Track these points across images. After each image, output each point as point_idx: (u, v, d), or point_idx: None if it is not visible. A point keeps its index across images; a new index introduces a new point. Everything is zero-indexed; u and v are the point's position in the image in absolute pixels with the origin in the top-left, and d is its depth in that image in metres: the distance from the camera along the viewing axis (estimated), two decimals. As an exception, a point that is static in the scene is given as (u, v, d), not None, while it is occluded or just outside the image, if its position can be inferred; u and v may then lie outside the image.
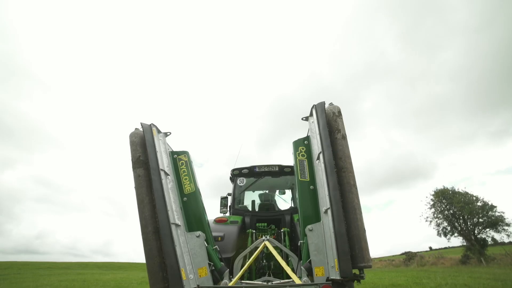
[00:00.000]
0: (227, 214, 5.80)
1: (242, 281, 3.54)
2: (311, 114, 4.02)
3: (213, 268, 3.41)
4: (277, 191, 6.43)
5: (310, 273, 3.22)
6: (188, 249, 3.26)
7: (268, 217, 5.61)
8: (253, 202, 6.30)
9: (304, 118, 4.15)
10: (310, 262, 3.21)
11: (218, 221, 4.91)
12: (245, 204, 6.30)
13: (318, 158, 3.48)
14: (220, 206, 5.90)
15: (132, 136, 3.55)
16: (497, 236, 25.96)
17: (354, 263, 2.71)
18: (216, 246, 3.90)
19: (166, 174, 3.54)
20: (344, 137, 3.38)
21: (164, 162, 3.62)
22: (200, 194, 3.77)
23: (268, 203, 6.10)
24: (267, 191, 6.45)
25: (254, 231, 5.08)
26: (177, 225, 3.25)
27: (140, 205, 3.14)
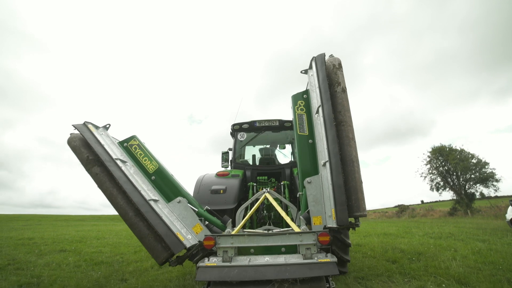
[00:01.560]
0: (229, 168, 5.96)
1: (244, 230, 3.79)
2: (310, 67, 3.89)
3: (207, 223, 3.55)
4: (278, 145, 6.51)
5: (308, 222, 3.41)
6: (176, 216, 3.31)
7: (268, 171, 5.77)
8: (253, 156, 6.41)
9: (303, 71, 4.03)
10: (308, 212, 3.39)
11: (219, 175, 5.05)
12: (246, 158, 6.41)
13: (317, 112, 3.46)
14: (222, 161, 6.03)
15: (71, 141, 3.41)
16: (485, 191, 27.38)
17: (350, 212, 2.85)
18: (207, 207, 4.06)
19: (123, 161, 3.47)
20: (344, 90, 3.32)
21: (116, 152, 3.53)
22: (164, 167, 3.74)
23: (268, 157, 6.22)
24: (267, 146, 6.53)
25: (255, 184, 5.27)
26: (155, 201, 3.27)
27: (111, 198, 3.10)
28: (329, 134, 3.08)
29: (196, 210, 3.55)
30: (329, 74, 3.45)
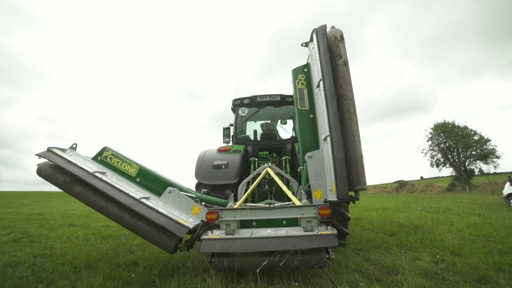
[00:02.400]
0: (230, 144, 5.97)
1: (246, 204, 3.88)
2: (311, 39, 3.77)
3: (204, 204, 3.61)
4: (279, 120, 6.48)
5: (309, 196, 3.48)
6: (171, 206, 3.33)
7: (270, 146, 5.78)
8: (255, 132, 6.40)
9: (304, 44, 3.91)
10: (309, 186, 3.44)
11: (221, 150, 5.08)
12: (247, 134, 6.42)
13: (318, 86, 3.40)
14: (223, 137, 6.04)
15: (41, 171, 3.24)
16: (485, 167, 27.62)
17: (350, 186, 2.89)
18: (204, 189, 4.08)
19: (102, 173, 3.39)
20: (345, 63, 3.24)
21: (92, 167, 3.42)
22: (146, 167, 3.69)
23: (270, 133, 6.23)
24: (268, 121, 6.50)
25: (256, 159, 5.31)
26: (147, 198, 3.26)
27: (102, 210, 3.04)
28: (330, 108, 3.05)
29: (194, 195, 3.58)
30: (331, 46, 3.36)
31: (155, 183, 3.52)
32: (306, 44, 3.89)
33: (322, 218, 2.84)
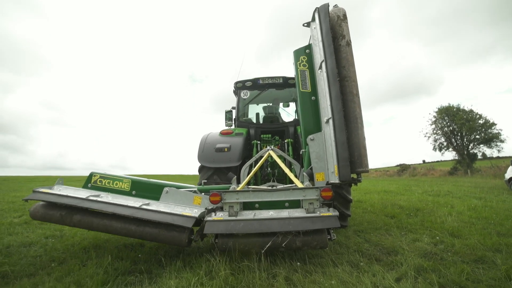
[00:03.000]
0: (232, 127, 5.97)
1: (249, 187, 3.92)
2: (313, 19, 3.66)
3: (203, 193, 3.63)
4: (281, 103, 6.45)
5: (311, 179, 3.51)
6: (173, 204, 3.33)
7: (272, 129, 5.78)
8: (257, 114, 6.38)
9: (305, 24, 3.80)
10: (311, 169, 3.46)
11: (223, 133, 5.09)
12: (249, 117, 6.40)
13: (320, 67, 3.34)
14: (225, 120, 6.03)
15: (35, 213, 3.17)
16: (488, 151, 27.42)
17: (352, 168, 2.91)
18: (204, 180, 4.08)
19: (96, 195, 3.34)
20: (348, 43, 3.17)
21: (85, 194, 3.35)
22: (137, 178, 3.67)
23: (272, 116, 6.20)
24: (271, 104, 6.46)
25: (258, 142, 5.32)
26: (147, 204, 3.27)
27: (108, 229, 3.02)
28: (333, 90, 3.02)
29: (194, 189, 3.58)
30: (333, 26, 3.27)
31: (151, 190, 3.52)
32: (307, 24, 3.79)
33: (324, 200, 2.87)
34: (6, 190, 15.82)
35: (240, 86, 5.96)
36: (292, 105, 6.43)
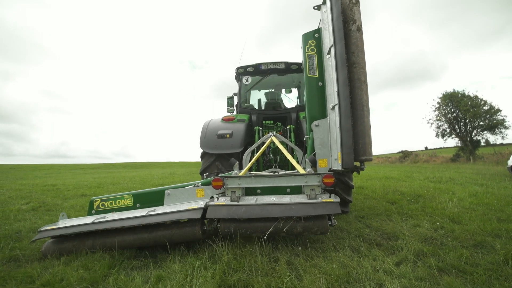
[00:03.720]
0: (234, 113, 5.94)
1: (251, 172, 3.94)
2: (324, 2, 3.55)
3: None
4: (283, 89, 6.36)
5: (314, 165, 3.51)
6: (178, 203, 3.34)
7: (274, 115, 5.74)
8: (259, 100, 6.33)
9: (316, 7, 3.69)
10: (314, 155, 3.46)
11: (225, 119, 5.08)
12: (251, 103, 6.35)
13: (329, 52, 3.26)
14: (227, 106, 6.00)
15: (47, 252, 3.04)
16: (492, 138, 27.19)
17: (356, 156, 2.89)
18: (206, 173, 4.09)
19: (102, 217, 3.30)
20: (359, 28, 3.06)
21: (91, 219, 3.28)
22: (137, 192, 3.61)
23: (274, 102, 6.14)
24: (273, 90, 6.39)
25: (261, 128, 5.31)
26: (153, 210, 3.24)
27: (121, 245, 3.02)
28: (340, 76, 2.95)
29: (197, 183, 3.56)
30: (344, 10, 3.15)
31: (154, 198, 3.51)
32: (318, 7, 3.67)
33: (326, 186, 2.88)
34: (13, 178, 16.06)
35: (241, 72, 5.88)
36: (294, 91, 6.35)
